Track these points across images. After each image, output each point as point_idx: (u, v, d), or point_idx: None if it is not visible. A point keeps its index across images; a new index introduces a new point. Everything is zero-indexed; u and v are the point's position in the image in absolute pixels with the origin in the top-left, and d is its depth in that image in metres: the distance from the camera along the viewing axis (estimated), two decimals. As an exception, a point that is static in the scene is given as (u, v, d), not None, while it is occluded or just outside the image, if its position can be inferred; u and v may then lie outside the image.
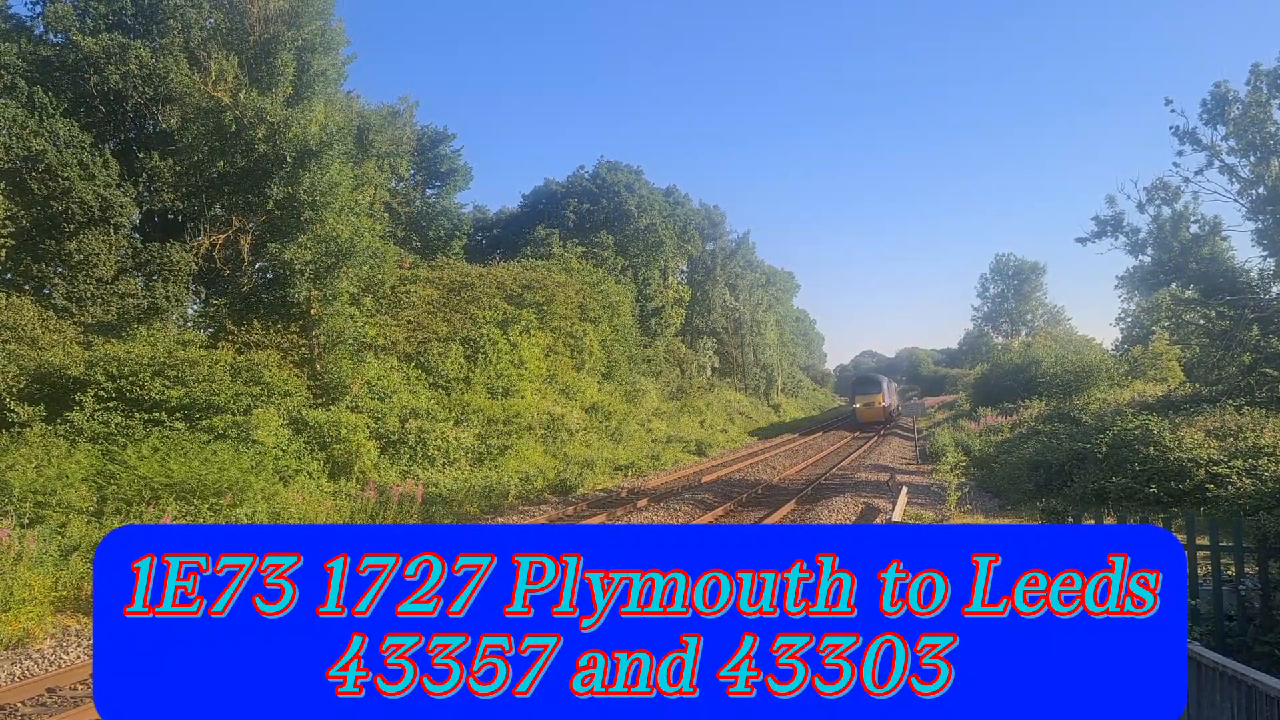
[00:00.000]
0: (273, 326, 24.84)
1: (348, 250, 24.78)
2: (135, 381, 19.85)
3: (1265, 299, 25.53)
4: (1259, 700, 4.17)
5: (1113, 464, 19.49)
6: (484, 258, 50.63)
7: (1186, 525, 8.96)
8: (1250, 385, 24.99)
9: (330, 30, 26.37)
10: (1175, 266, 25.71)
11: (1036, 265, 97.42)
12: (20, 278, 24.20)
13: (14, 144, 23.40)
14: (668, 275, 62.07)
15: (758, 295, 79.31)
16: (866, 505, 21.44)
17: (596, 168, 59.78)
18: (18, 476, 14.97)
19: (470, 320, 34.20)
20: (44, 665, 10.54)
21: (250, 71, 24.93)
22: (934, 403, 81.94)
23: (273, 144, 24.42)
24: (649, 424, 44.00)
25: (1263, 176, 24.50)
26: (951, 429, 43.16)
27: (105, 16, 27.45)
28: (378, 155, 35.74)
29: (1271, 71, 24.25)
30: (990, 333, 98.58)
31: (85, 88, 26.57)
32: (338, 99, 30.45)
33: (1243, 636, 8.06)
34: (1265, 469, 16.74)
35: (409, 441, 24.22)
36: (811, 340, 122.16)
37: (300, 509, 18.04)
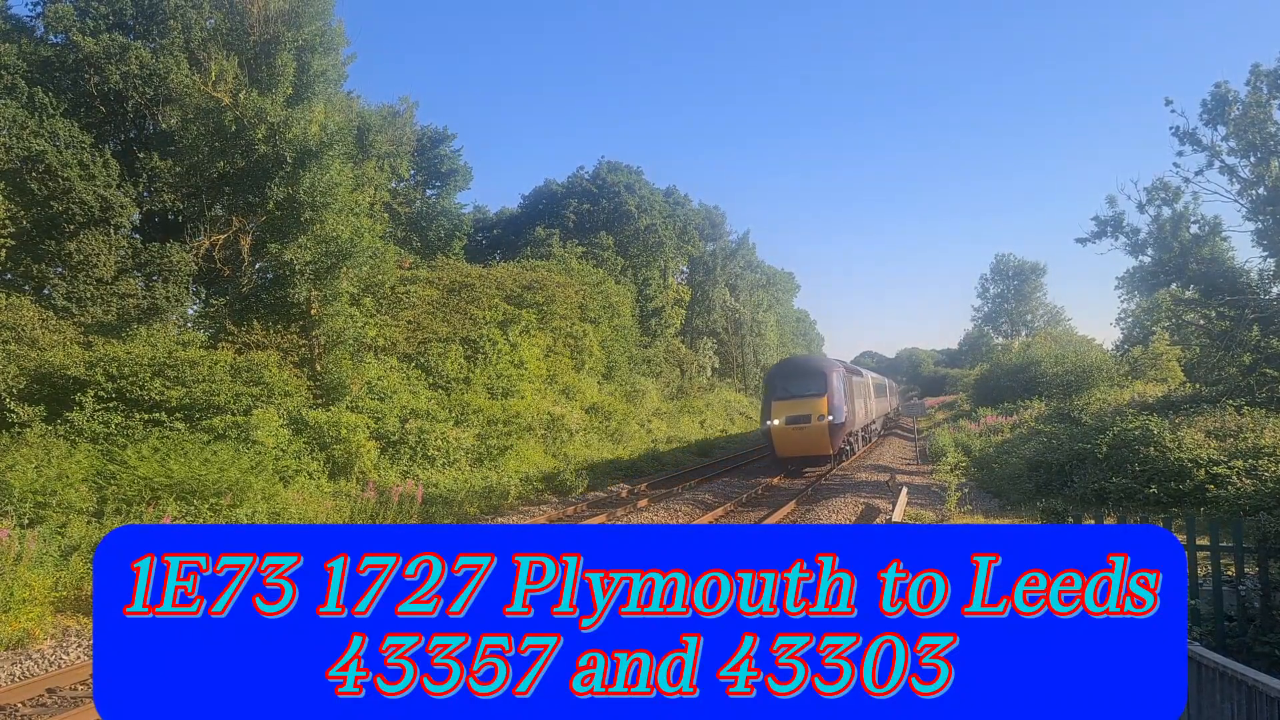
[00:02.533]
0: (273, 327, 24.85)
1: (348, 250, 24.78)
2: (135, 382, 19.85)
3: (1265, 299, 25.53)
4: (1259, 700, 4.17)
5: (1113, 464, 19.49)
6: (484, 258, 50.67)
7: (1186, 526, 8.96)
8: (1250, 385, 24.99)
9: (330, 30, 26.38)
10: (1175, 267, 25.73)
11: (1037, 265, 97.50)
12: (20, 278, 24.22)
13: (14, 144, 23.41)
14: (668, 276, 62.07)
15: (758, 295, 79.31)
16: (866, 505, 21.44)
17: (596, 168, 59.84)
18: (18, 477, 14.97)
19: (470, 321, 34.21)
20: (44, 665, 10.54)
21: (250, 72, 24.94)
22: (934, 403, 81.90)
23: (273, 144, 24.43)
24: (649, 424, 44.01)
25: (1263, 177, 24.51)
26: (951, 429, 43.14)
27: (105, 17, 27.46)
28: (378, 155, 35.74)
29: (1271, 72, 24.26)
30: (990, 333, 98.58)
31: (85, 88, 26.57)
32: (338, 99, 30.45)
33: (1243, 636, 8.06)
34: (1265, 469, 16.74)
35: (409, 442, 24.22)
36: (812, 341, 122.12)
37: (300, 509, 18.04)
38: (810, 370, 30.00)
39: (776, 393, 29.07)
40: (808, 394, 28.57)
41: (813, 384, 28.99)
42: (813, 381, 29.10)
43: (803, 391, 28.70)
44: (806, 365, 30.94)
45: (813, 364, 31.12)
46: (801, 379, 29.42)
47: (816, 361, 32.13)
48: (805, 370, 30.19)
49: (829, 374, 29.35)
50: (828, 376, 29.14)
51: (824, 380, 28.95)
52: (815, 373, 29.61)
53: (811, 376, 29.37)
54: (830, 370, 29.85)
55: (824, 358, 35.19)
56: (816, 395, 28.47)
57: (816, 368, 30.17)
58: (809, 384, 29.04)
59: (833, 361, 32.52)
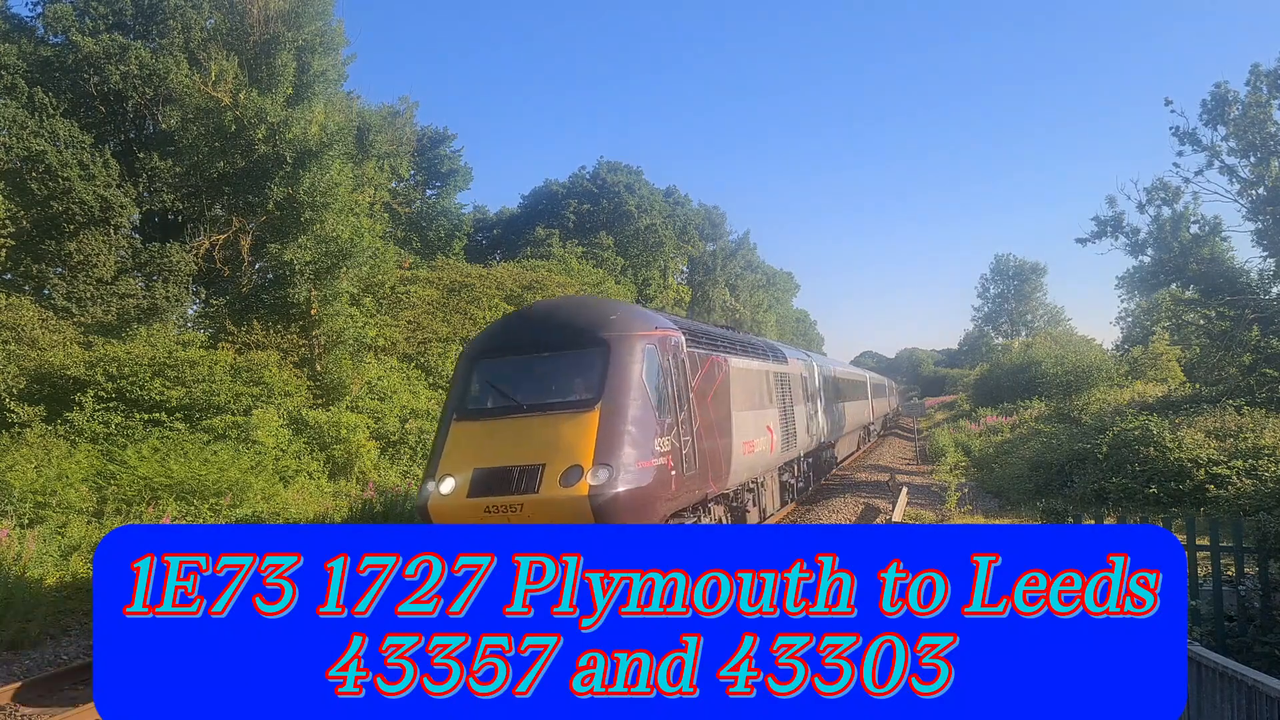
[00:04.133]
0: (273, 327, 24.85)
1: (348, 251, 24.78)
2: (135, 382, 19.85)
3: (1265, 299, 25.52)
4: (1259, 700, 4.17)
5: (1113, 464, 19.49)
6: (484, 258, 50.67)
7: (1187, 526, 8.96)
8: (1250, 385, 24.97)
9: (330, 31, 26.39)
10: (1175, 267, 25.71)
11: (1037, 266, 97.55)
12: (20, 278, 24.23)
13: (14, 144, 23.42)
14: (668, 276, 62.09)
15: (758, 296, 79.35)
16: (866, 505, 21.44)
17: (596, 168, 59.84)
18: (18, 477, 14.97)
19: (470, 321, 34.19)
20: (44, 665, 10.54)
21: (250, 72, 24.94)
22: (934, 403, 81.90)
23: (273, 144, 24.42)
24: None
25: (1263, 177, 24.50)
26: (951, 429, 43.13)
27: (105, 17, 27.47)
28: (378, 156, 35.74)
29: (1271, 72, 24.24)
30: (990, 333, 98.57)
31: (85, 88, 26.58)
32: (338, 99, 30.44)
33: (1243, 636, 8.05)
34: (1265, 469, 16.74)
35: (409, 442, 24.22)
36: (812, 341, 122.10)
37: (300, 509, 18.03)
38: (574, 333, 11.06)
39: (470, 401, 11.10)
40: (550, 405, 10.58)
41: (572, 376, 10.89)
42: (573, 369, 10.93)
43: (540, 398, 10.69)
44: (565, 322, 11.39)
45: (580, 321, 11.31)
46: (546, 367, 11.03)
47: (592, 313, 11.62)
48: (562, 333, 11.14)
49: (620, 346, 10.62)
50: (617, 353, 10.53)
51: (602, 364, 10.58)
52: (586, 342, 10.87)
53: (575, 356, 10.92)
54: (627, 335, 10.84)
55: (618, 306, 12.67)
56: (573, 410, 10.37)
57: (587, 330, 11.01)
58: (561, 376, 10.96)
59: (643, 316, 11.93)
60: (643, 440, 10.22)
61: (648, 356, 10.83)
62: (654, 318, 12.11)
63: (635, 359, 10.61)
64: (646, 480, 10.01)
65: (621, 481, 9.68)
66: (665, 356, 11.17)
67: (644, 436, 10.26)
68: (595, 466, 9.62)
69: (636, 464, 9.96)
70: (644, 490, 9.93)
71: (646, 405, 10.50)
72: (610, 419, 10.00)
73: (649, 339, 11.09)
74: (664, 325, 11.85)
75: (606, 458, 9.71)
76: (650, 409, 10.54)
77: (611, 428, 9.95)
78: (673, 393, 11.18)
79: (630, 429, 10.10)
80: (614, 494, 9.54)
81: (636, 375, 10.55)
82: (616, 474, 9.66)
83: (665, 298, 59.96)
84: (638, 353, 10.69)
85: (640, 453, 10.08)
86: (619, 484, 9.64)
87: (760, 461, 15.57)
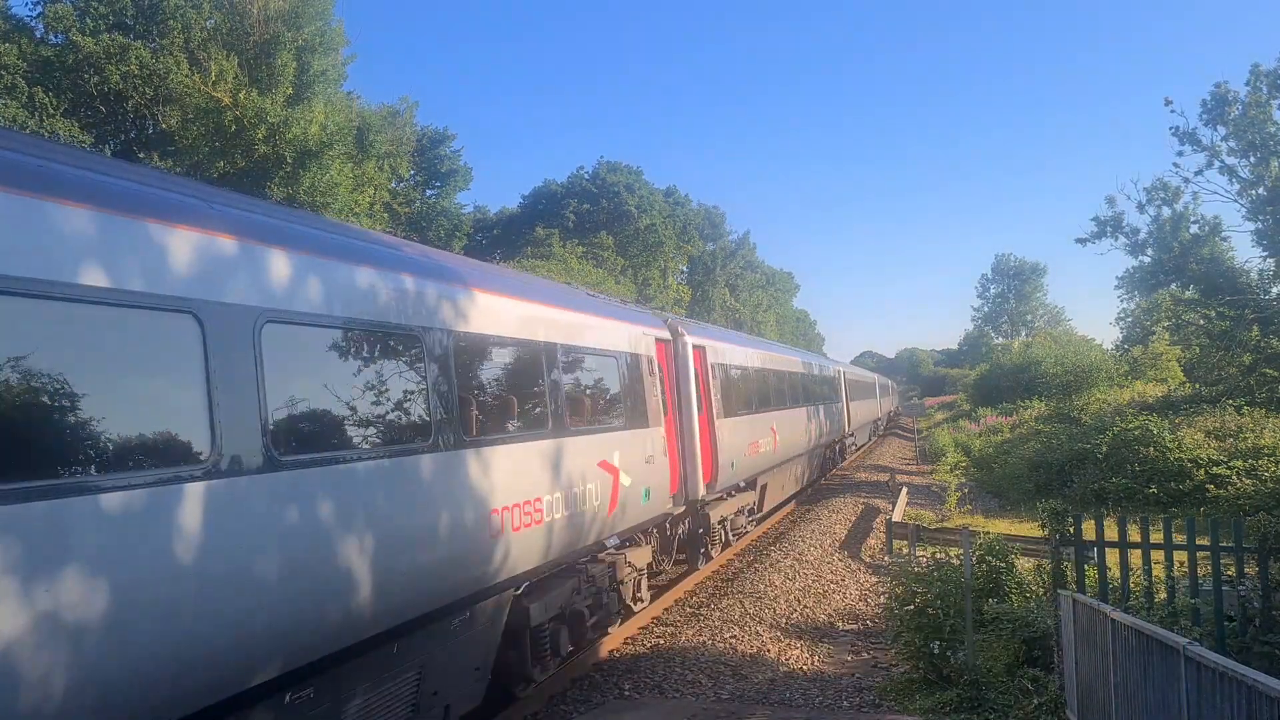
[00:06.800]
0: (273, 327, 24.84)
1: (348, 251, 24.78)
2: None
3: (1265, 299, 25.51)
4: (1259, 701, 4.16)
5: (1113, 464, 19.51)
6: (484, 258, 50.65)
7: (1186, 526, 8.98)
8: (1250, 385, 24.98)
9: (330, 31, 26.43)
10: (1175, 267, 25.71)
11: (1037, 266, 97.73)
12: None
13: (14, 144, 23.42)
14: (668, 275, 62.14)
15: (758, 296, 79.43)
16: (867, 505, 21.44)
17: (596, 168, 59.90)
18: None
19: (470, 320, 34.17)
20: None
21: (250, 72, 24.96)
22: (934, 403, 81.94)
23: (273, 144, 24.45)
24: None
25: (1263, 177, 24.50)
26: (951, 429, 43.16)
27: (105, 17, 27.50)
28: (378, 156, 35.76)
29: (1271, 72, 24.24)
30: (990, 333, 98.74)
31: (85, 88, 26.61)
32: (338, 99, 30.46)
33: (1243, 637, 8.05)
34: (1265, 469, 16.77)
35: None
36: (811, 340, 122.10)
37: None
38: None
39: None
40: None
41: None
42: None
43: None
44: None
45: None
46: None
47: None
48: None
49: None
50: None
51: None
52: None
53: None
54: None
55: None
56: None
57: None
58: None
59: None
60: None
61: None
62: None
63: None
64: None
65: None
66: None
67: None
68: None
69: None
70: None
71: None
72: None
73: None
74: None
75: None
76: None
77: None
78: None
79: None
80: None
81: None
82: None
83: (665, 297, 60.01)
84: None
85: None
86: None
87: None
